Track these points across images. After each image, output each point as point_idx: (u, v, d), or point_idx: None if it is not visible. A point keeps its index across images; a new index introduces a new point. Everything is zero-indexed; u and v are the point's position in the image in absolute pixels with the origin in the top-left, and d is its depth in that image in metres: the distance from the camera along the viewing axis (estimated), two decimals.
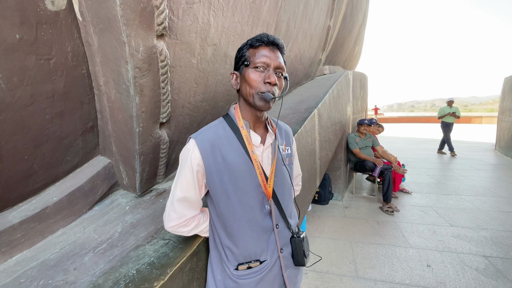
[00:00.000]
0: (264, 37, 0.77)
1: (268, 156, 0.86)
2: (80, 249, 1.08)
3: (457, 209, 3.57)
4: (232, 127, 0.83)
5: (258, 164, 0.81)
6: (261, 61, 0.75)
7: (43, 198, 1.19)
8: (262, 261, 0.83)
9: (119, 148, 1.34)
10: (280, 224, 0.86)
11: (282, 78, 0.81)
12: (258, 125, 0.87)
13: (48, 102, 1.04)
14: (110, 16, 0.92)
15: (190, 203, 0.83)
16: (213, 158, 0.78)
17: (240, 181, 0.79)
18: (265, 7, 1.80)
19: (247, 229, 0.81)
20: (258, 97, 0.77)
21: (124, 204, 1.40)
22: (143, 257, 0.96)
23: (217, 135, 0.81)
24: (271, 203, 0.84)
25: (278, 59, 0.77)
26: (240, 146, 0.80)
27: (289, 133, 1.00)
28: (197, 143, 0.78)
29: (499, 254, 2.49)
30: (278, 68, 0.78)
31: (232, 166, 0.78)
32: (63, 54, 1.03)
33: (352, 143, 4.04)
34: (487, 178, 4.97)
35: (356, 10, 5.05)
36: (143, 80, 1.08)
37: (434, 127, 17.14)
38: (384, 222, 3.29)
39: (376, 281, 2.20)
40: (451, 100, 7.43)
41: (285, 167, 0.90)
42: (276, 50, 0.78)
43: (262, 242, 0.83)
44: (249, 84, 0.77)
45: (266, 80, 0.75)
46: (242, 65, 0.80)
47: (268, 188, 0.82)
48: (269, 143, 0.87)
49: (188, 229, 0.87)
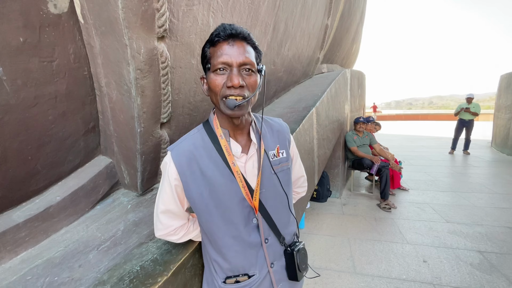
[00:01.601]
0: (221, 31, 0.64)
1: (253, 165, 0.77)
2: (84, 247, 1.10)
3: (453, 205, 3.62)
4: (211, 136, 0.74)
5: (241, 177, 0.73)
6: (220, 61, 0.64)
7: (47, 198, 1.21)
8: (250, 275, 0.78)
9: (120, 148, 1.36)
10: (270, 238, 0.79)
11: (254, 73, 0.68)
12: (239, 132, 0.77)
13: (51, 103, 1.06)
14: (112, 19, 0.94)
15: (174, 214, 0.80)
16: (190, 172, 0.72)
17: (221, 195, 0.72)
18: (263, 7, 1.82)
19: (232, 244, 0.75)
20: (223, 104, 0.67)
21: (126, 203, 1.42)
22: (146, 254, 0.99)
23: (194, 146, 0.74)
24: (259, 216, 0.77)
25: (242, 54, 0.64)
26: (219, 157, 0.73)
27: (283, 133, 0.87)
28: (173, 156, 0.73)
29: (493, 249, 2.54)
30: (243, 65, 0.65)
31: (211, 180, 0.72)
32: (65, 56, 1.05)
33: (350, 141, 4.07)
34: (483, 174, 5.04)
35: (353, 8, 5.07)
36: (145, 81, 1.10)
37: (432, 125, 17.24)
38: (381, 219, 3.34)
39: (373, 276, 2.24)
40: (470, 97, 6.82)
41: (275, 176, 0.80)
42: (239, 42, 0.65)
43: (249, 257, 0.77)
44: (213, 91, 0.67)
45: (228, 83, 0.64)
46: (206, 69, 0.70)
47: (254, 201, 0.74)
48: (254, 152, 0.78)
49: (177, 237, 0.85)
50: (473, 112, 6.75)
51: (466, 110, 6.80)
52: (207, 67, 0.69)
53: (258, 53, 0.71)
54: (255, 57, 0.69)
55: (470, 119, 6.85)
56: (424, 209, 3.54)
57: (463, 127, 6.95)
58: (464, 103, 6.96)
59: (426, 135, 11.74)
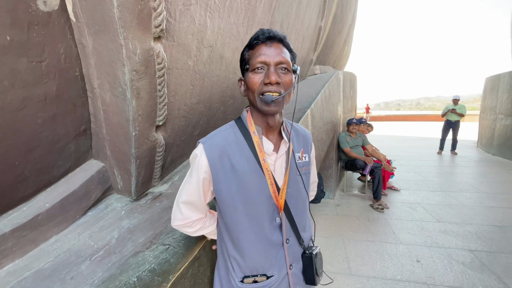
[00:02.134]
0: (260, 35, 0.70)
1: (281, 165, 0.80)
2: (76, 257, 1.05)
3: (443, 205, 3.70)
4: (244, 132, 0.77)
5: (270, 174, 0.75)
6: (258, 61, 0.69)
7: (35, 205, 1.15)
8: (269, 276, 0.78)
9: (113, 151, 1.31)
10: (291, 238, 0.80)
11: (290, 72, 0.72)
12: (271, 131, 0.80)
13: (40, 105, 1.01)
14: (106, 18, 0.89)
15: (194, 207, 0.81)
16: (221, 166, 0.74)
17: (249, 191, 0.74)
18: (260, 7, 1.80)
19: (254, 242, 0.76)
20: (260, 100, 0.71)
21: (119, 208, 1.37)
22: (143, 264, 0.95)
23: (226, 141, 0.76)
24: (282, 216, 0.78)
25: (279, 54, 0.70)
26: (251, 153, 0.75)
27: (307, 138, 0.92)
28: (205, 149, 0.74)
29: (483, 248, 2.60)
30: (280, 64, 0.70)
31: (241, 175, 0.74)
32: (55, 56, 0.99)
33: (343, 142, 4.10)
34: (470, 174, 5.18)
35: (345, 11, 5.13)
36: (140, 83, 1.06)
37: (420, 125, 17.66)
38: (374, 219, 3.37)
39: (369, 277, 2.25)
40: (456, 98, 7.01)
41: (300, 177, 0.83)
42: (276, 44, 0.71)
43: (270, 257, 0.78)
44: (251, 89, 0.72)
45: (265, 80, 0.69)
46: (244, 70, 0.75)
47: (280, 199, 0.76)
48: (283, 151, 0.80)
49: (192, 230, 0.85)
50: (459, 113, 6.98)
51: (453, 111, 7.01)
52: (246, 68, 0.74)
53: (293, 55, 0.76)
54: (290, 58, 0.73)
55: (456, 120, 7.07)
56: (416, 209, 3.60)
57: (450, 128, 7.17)
58: (451, 105, 7.17)
59: (414, 136, 12.00)
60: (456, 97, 7.09)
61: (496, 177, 4.91)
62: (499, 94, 6.80)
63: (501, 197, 3.88)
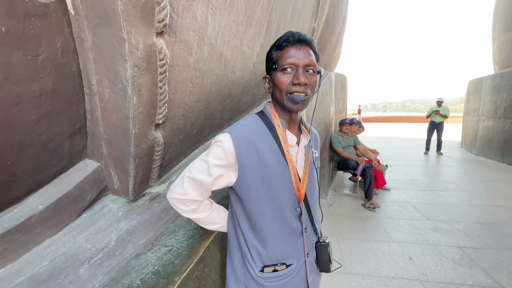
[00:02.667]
0: (290, 37, 0.74)
1: (301, 158, 0.84)
2: (72, 260, 1.00)
3: (432, 203, 3.81)
4: (268, 125, 0.80)
5: (293, 165, 0.79)
6: (288, 62, 0.74)
7: (27, 207, 1.09)
8: (288, 264, 0.81)
9: (110, 151, 1.26)
10: (308, 228, 0.85)
11: (315, 74, 0.78)
12: (293, 125, 0.84)
13: (35, 101, 0.95)
14: (109, 11, 0.86)
15: (198, 186, 0.79)
16: (248, 155, 0.76)
17: (274, 180, 0.77)
18: (259, 7, 1.79)
19: (276, 230, 0.79)
20: (288, 98, 0.75)
21: (116, 210, 1.32)
22: (146, 266, 0.92)
23: (252, 132, 0.78)
24: (302, 206, 0.82)
25: (307, 57, 0.74)
26: (276, 145, 0.78)
27: (317, 137, 1.00)
28: (232, 138, 0.75)
29: (471, 244, 2.69)
30: (307, 66, 0.75)
31: (266, 164, 0.76)
32: (52, 50, 0.94)
33: (335, 142, 4.15)
34: (456, 174, 5.37)
35: (337, 13, 5.20)
36: (142, 80, 1.03)
37: (406, 126, 18.15)
38: (367, 218, 3.42)
39: (364, 276, 2.28)
40: (440, 101, 7.35)
41: (315, 170, 0.89)
42: (304, 46, 0.75)
43: (289, 245, 0.81)
44: (278, 88, 0.76)
45: (294, 81, 0.73)
46: (271, 69, 0.79)
47: (301, 190, 0.81)
48: (304, 145, 0.85)
49: (185, 209, 0.83)
50: (442, 115, 7.27)
51: (436, 113, 7.29)
52: (274, 67, 0.77)
53: (317, 57, 0.80)
54: (315, 60, 0.78)
55: (440, 121, 7.35)
56: (406, 208, 3.69)
57: (434, 129, 7.46)
58: (435, 107, 7.46)
59: (401, 137, 12.33)
60: (440, 99, 7.39)
61: (479, 176, 5.11)
62: (482, 96, 7.08)
63: (486, 196, 4.04)
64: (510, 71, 6.16)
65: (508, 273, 2.22)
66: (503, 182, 4.70)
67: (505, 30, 6.83)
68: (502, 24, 6.95)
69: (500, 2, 7.17)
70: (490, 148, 6.55)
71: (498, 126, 6.33)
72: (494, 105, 6.48)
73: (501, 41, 7.07)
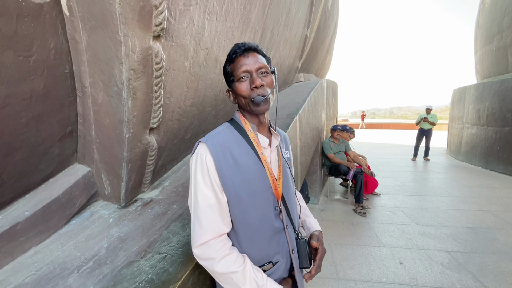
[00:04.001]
0: (237, 49, 0.79)
1: (275, 158, 0.88)
2: (60, 269, 0.96)
3: (421, 208, 3.88)
4: (239, 130, 0.84)
5: (268, 165, 0.82)
6: (241, 71, 0.78)
7: (13, 213, 1.04)
8: (275, 262, 0.83)
9: (102, 155, 1.23)
10: (288, 225, 0.87)
11: (269, 74, 0.81)
12: (262, 128, 0.88)
13: (24, 104, 0.92)
14: (106, 13, 0.85)
15: (219, 209, 0.75)
16: (225, 161, 0.77)
17: (253, 182, 0.79)
18: (254, 13, 1.81)
19: (260, 231, 0.81)
20: (252, 104, 0.79)
21: (107, 216, 1.28)
22: (139, 275, 0.89)
23: (226, 138, 0.81)
24: (280, 204, 0.85)
25: (257, 62, 0.78)
26: (250, 148, 0.81)
27: (286, 138, 1.03)
28: (208, 147, 0.77)
29: (459, 248, 2.75)
30: (259, 69, 0.79)
31: (243, 167, 0.79)
32: (45, 51, 0.92)
33: (327, 148, 4.20)
34: (442, 179, 5.51)
35: (328, 21, 5.32)
36: (137, 83, 1.01)
37: (394, 133, 18.58)
38: (358, 223, 3.45)
39: (356, 281, 2.29)
40: (429, 108, 7.49)
41: (288, 169, 0.92)
42: (252, 53, 0.79)
43: (274, 244, 0.83)
44: (241, 96, 0.80)
45: (252, 86, 0.77)
46: (230, 82, 0.83)
47: (278, 188, 0.83)
48: (275, 145, 0.89)
49: (223, 251, 0.73)
50: (430, 122, 7.48)
51: (425, 120, 7.51)
52: (231, 79, 0.81)
53: (268, 59, 0.84)
54: (266, 62, 0.82)
55: (429, 128, 7.57)
56: (396, 213, 3.74)
57: (423, 136, 7.66)
58: (424, 114, 7.67)
59: (390, 143, 12.59)
60: (429, 107, 7.61)
61: (464, 181, 5.26)
62: (466, 105, 7.36)
63: (471, 200, 4.15)
64: (491, 81, 6.45)
65: (494, 276, 2.28)
66: (487, 187, 4.86)
67: (486, 42, 7.17)
68: (483, 37, 7.29)
69: (482, 16, 7.55)
70: (474, 154, 6.78)
71: (481, 134, 6.58)
72: (477, 113, 6.74)
73: (482, 53, 7.40)
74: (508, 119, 5.81)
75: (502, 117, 5.98)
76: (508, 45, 6.23)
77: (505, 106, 5.91)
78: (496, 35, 6.66)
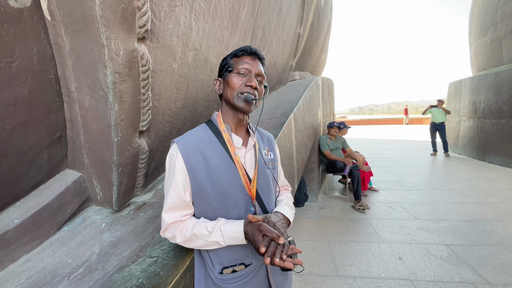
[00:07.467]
0: (247, 48, 0.83)
1: (251, 158, 0.88)
2: (51, 277, 0.95)
3: (419, 203, 3.89)
4: (214, 131, 0.85)
5: (241, 166, 0.82)
6: (243, 67, 0.81)
7: (2, 221, 1.03)
8: (247, 264, 0.82)
9: (92, 160, 1.22)
10: None
11: (262, 86, 0.86)
12: (240, 128, 0.89)
13: (9, 111, 0.91)
14: (87, 16, 0.84)
15: (185, 204, 0.80)
16: (195, 162, 0.79)
17: (224, 183, 0.79)
18: (243, 12, 1.80)
19: None
20: (238, 98, 0.81)
21: (99, 221, 1.27)
22: (129, 279, 0.88)
23: (199, 139, 0.82)
24: (256, 204, 0.84)
25: (259, 67, 0.83)
26: (222, 148, 0.82)
27: (271, 139, 1.03)
28: (179, 147, 0.79)
29: (458, 242, 2.75)
30: (258, 75, 0.83)
31: (214, 168, 0.79)
32: (27, 56, 0.91)
33: (323, 145, 4.20)
34: (440, 173, 5.52)
35: (322, 19, 5.32)
36: (123, 86, 1.00)
37: (391, 128, 18.62)
38: (357, 220, 3.45)
39: (355, 278, 2.28)
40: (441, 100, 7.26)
41: (269, 170, 0.92)
42: (258, 60, 0.84)
43: (246, 246, 0.80)
44: (231, 87, 0.81)
45: (247, 83, 0.80)
46: (225, 72, 0.84)
47: (252, 189, 0.83)
48: (251, 145, 0.89)
49: (186, 229, 0.79)
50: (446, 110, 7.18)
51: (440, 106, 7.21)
52: (228, 70, 0.83)
53: (265, 75, 0.88)
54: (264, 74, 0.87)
55: (441, 122, 7.30)
56: (394, 208, 3.74)
57: (436, 130, 7.42)
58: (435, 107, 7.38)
59: (388, 138, 12.61)
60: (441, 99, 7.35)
61: (462, 174, 5.27)
62: (462, 98, 7.37)
63: (469, 194, 4.16)
64: (487, 74, 6.46)
65: (493, 268, 2.28)
66: (485, 180, 4.87)
67: (480, 35, 7.18)
68: (478, 30, 7.30)
69: (475, 9, 7.55)
70: (472, 147, 6.79)
71: (478, 126, 6.59)
72: (474, 106, 6.75)
73: (477, 46, 7.41)
74: (504, 111, 5.82)
75: (498, 109, 5.99)
76: (502, 37, 6.24)
77: (501, 98, 5.92)
78: (490, 28, 6.66)
